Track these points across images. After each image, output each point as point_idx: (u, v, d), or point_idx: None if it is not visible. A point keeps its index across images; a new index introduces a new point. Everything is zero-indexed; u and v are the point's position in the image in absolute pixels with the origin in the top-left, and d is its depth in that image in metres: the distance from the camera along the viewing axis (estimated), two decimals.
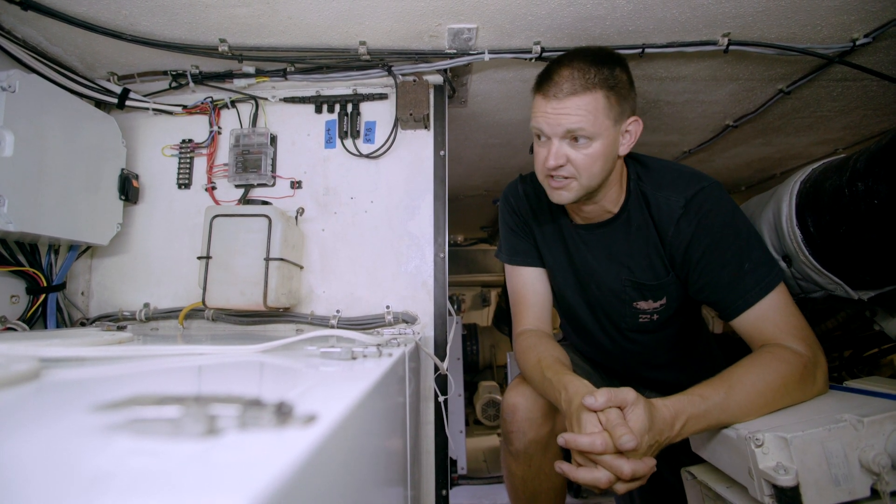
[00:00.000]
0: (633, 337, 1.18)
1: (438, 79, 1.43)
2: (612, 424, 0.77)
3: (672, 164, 1.09)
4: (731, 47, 1.27)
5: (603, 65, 0.95)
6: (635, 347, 1.20)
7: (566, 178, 1.00)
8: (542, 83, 0.98)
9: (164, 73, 1.43)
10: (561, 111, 0.94)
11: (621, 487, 0.76)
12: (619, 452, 0.75)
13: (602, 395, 0.80)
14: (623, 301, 1.12)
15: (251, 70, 1.41)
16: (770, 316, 0.93)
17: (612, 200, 1.07)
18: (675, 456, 0.99)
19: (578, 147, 0.96)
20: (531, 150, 1.08)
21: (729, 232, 0.97)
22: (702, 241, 0.98)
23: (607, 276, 1.12)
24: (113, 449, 0.27)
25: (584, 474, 0.77)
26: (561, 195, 1.03)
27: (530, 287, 1.22)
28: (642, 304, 1.11)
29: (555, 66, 0.97)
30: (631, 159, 1.10)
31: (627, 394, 0.79)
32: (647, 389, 1.25)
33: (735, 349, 1.05)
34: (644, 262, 1.07)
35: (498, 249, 1.29)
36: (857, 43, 1.26)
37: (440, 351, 1.36)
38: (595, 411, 0.79)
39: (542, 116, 0.97)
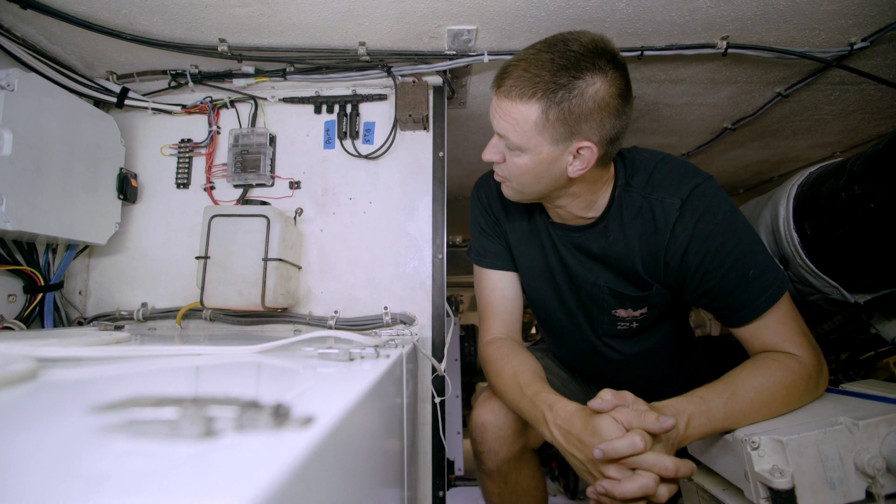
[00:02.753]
0: (611, 343, 1.12)
1: (438, 80, 1.44)
2: (635, 417, 0.73)
3: (662, 158, 0.99)
4: (729, 50, 1.27)
5: (564, 72, 0.79)
6: (614, 355, 1.13)
7: (502, 175, 0.96)
8: (498, 71, 0.86)
9: (164, 72, 1.43)
10: (496, 110, 0.87)
11: (664, 492, 0.70)
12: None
13: (607, 394, 0.77)
14: (601, 308, 1.06)
15: (251, 70, 1.41)
16: (774, 325, 0.88)
17: (582, 208, 0.97)
18: None
19: (510, 152, 0.89)
20: None
21: (729, 237, 0.88)
22: (700, 247, 0.89)
23: (585, 280, 1.04)
24: (110, 450, 0.27)
25: (630, 486, 0.70)
26: (504, 191, 1.00)
27: (499, 292, 1.13)
28: (621, 313, 1.05)
29: (514, 59, 0.84)
30: (620, 159, 0.99)
31: (627, 394, 0.77)
32: None
33: (733, 351, 1.05)
34: (621, 275, 1.00)
35: (469, 247, 1.21)
36: (855, 47, 1.26)
37: (438, 352, 1.35)
38: (601, 412, 0.76)
39: (491, 106, 0.89)
